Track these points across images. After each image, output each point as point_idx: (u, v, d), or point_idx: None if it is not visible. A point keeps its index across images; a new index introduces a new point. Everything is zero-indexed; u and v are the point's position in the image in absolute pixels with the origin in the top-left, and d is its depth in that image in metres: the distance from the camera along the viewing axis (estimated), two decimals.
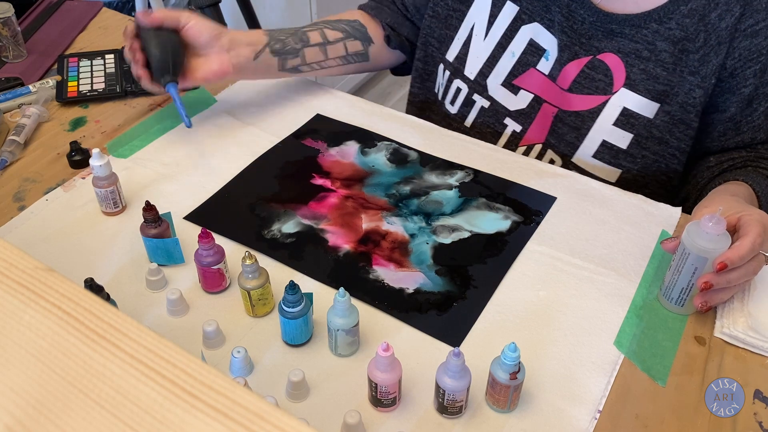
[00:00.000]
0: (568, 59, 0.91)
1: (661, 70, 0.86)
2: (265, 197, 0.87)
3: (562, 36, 0.91)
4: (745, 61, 0.83)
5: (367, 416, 0.63)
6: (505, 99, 0.97)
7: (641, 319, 0.72)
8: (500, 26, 0.96)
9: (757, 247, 0.67)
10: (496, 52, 0.96)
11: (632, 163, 0.91)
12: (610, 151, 0.91)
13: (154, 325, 0.71)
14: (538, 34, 0.93)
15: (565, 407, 0.64)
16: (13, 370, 0.34)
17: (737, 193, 0.79)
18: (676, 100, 0.87)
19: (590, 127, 0.91)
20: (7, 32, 1.12)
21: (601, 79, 0.90)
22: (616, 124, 0.90)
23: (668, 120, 0.88)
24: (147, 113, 1.03)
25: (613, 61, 0.89)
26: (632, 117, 0.89)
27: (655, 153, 0.90)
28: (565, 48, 0.91)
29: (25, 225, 0.83)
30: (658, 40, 0.86)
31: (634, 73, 0.88)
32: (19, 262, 0.40)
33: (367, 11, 1.08)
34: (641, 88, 0.88)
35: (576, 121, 0.92)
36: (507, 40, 0.95)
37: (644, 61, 0.87)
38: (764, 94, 0.85)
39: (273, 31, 1.00)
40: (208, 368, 0.34)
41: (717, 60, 0.84)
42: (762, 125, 0.87)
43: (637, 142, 0.90)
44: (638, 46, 0.87)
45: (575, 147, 0.93)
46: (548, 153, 0.97)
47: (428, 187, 0.89)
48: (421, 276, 0.76)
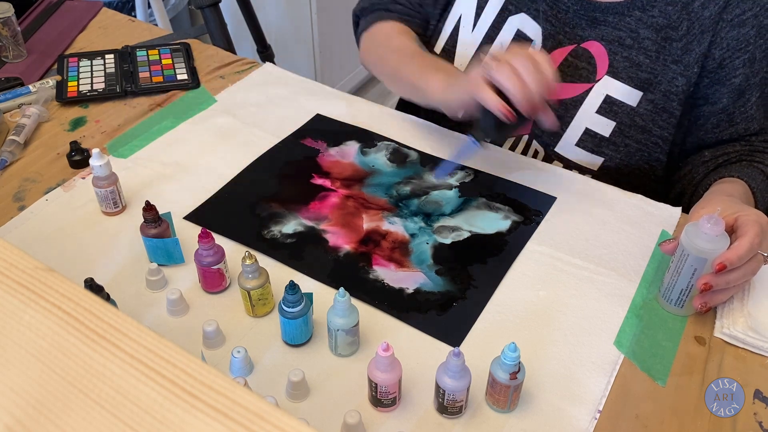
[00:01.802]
0: (552, 48, 0.92)
1: (644, 58, 0.87)
2: (265, 197, 0.87)
3: (546, 25, 0.91)
4: (733, 51, 0.84)
5: (367, 416, 0.63)
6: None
7: (641, 319, 0.72)
8: (488, 17, 0.96)
9: (756, 247, 0.67)
10: (484, 44, 0.97)
11: (615, 152, 0.91)
12: (593, 139, 0.91)
13: (154, 325, 0.71)
14: (524, 24, 0.93)
15: (565, 407, 0.64)
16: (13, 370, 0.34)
17: (733, 193, 0.79)
18: (659, 88, 0.87)
19: (573, 115, 0.91)
20: (7, 32, 1.12)
21: (584, 67, 0.90)
22: (599, 111, 0.90)
23: (651, 108, 0.88)
24: (147, 113, 1.03)
25: (597, 49, 0.89)
26: (615, 105, 0.89)
27: (638, 141, 0.90)
28: (549, 37, 0.91)
29: (25, 225, 0.83)
30: (641, 28, 0.86)
31: (617, 61, 0.88)
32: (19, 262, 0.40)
33: (403, 22, 1.05)
34: (624, 75, 0.88)
35: (559, 110, 0.92)
36: (495, 31, 0.96)
37: (627, 49, 0.87)
38: (755, 84, 0.86)
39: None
40: (208, 368, 0.34)
41: (700, 49, 0.84)
42: (755, 115, 0.87)
43: (619, 130, 0.90)
44: (621, 33, 0.87)
45: (559, 136, 0.93)
46: (533, 144, 0.97)
47: (428, 187, 0.89)
48: (421, 276, 0.76)
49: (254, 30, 1.91)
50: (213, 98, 1.06)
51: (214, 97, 1.06)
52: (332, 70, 2.32)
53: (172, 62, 1.13)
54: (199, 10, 1.70)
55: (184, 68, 1.11)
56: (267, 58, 1.95)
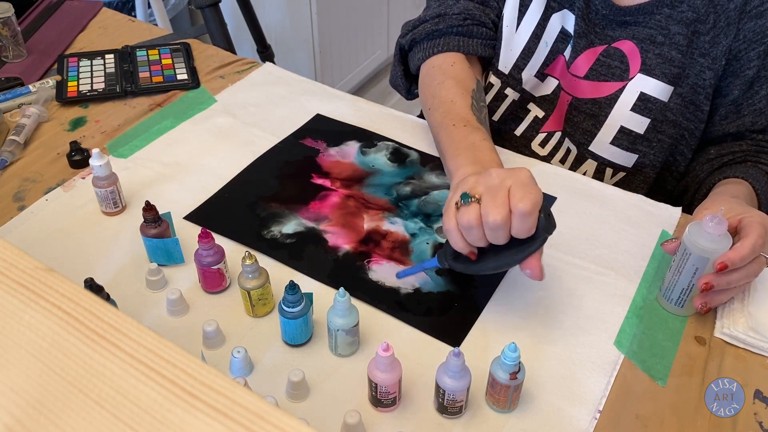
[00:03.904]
0: (584, 47, 0.92)
1: (676, 53, 0.87)
2: (265, 197, 0.87)
3: (581, 22, 0.91)
4: (749, 42, 0.84)
5: (367, 416, 0.63)
6: (534, 88, 0.98)
7: (641, 319, 0.72)
8: (533, 16, 0.95)
9: (758, 249, 0.67)
10: (531, 43, 0.96)
11: (649, 148, 0.91)
12: (628, 136, 0.91)
13: (154, 325, 0.71)
14: (567, 20, 0.93)
15: (565, 407, 0.64)
16: (13, 370, 0.34)
17: (738, 195, 0.79)
18: (688, 81, 0.87)
19: (608, 114, 0.91)
20: (7, 32, 1.12)
21: (617, 66, 0.90)
22: (634, 109, 0.90)
23: (680, 102, 0.88)
24: (147, 113, 1.03)
25: (629, 47, 0.89)
26: (649, 102, 0.89)
27: (670, 137, 0.90)
28: (582, 35, 0.92)
29: (25, 225, 0.83)
30: (671, 24, 0.86)
31: (650, 58, 0.88)
32: (19, 262, 0.40)
33: (480, 52, 0.97)
34: (657, 72, 0.88)
35: (593, 108, 0.92)
36: (541, 29, 0.95)
37: (659, 46, 0.87)
38: (766, 77, 0.85)
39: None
40: (208, 368, 0.34)
41: (726, 41, 0.84)
42: (764, 110, 0.87)
43: (653, 127, 0.90)
44: (652, 31, 0.87)
45: (593, 135, 0.93)
46: (565, 142, 0.96)
47: (428, 187, 0.89)
48: (421, 276, 0.76)
49: (254, 30, 1.91)
50: (213, 98, 1.06)
51: (214, 97, 1.06)
52: (332, 70, 2.32)
53: (172, 62, 1.13)
54: (199, 10, 1.70)
55: (184, 68, 1.11)
56: (267, 58, 1.95)
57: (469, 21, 0.95)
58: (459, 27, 0.95)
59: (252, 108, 1.04)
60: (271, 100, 1.05)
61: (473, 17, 0.95)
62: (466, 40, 0.95)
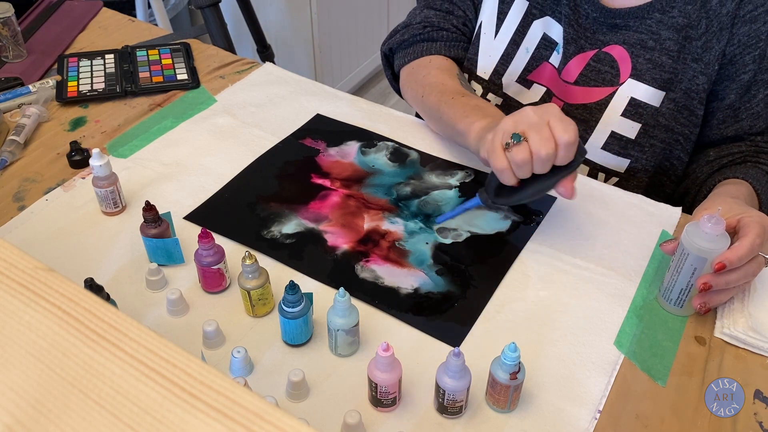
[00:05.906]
0: (574, 53, 0.92)
1: (666, 59, 0.87)
2: (265, 197, 0.87)
3: (569, 29, 0.91)
4: (744, 47, 0.84)
5: (367, 416, 0.63)
6: (519, 94, 0.98)
7: (641, 319, 0.72)
8: (511, 23, 0.96)
9: (756, 248, 0.67)
10: (510, 49, 0.96)
11: (641, 153, 0.91)
12: (619, 141, 0.91)
13: (154, 325, 0.71)
14: (550, 27, 0.94)
15: (565, 407, 0.64)
16: (13, 370, 0.34)
17: (738, 195, 0.79)
18: (681, 87, 0.87)
19: (599, 119, 0.91)
20: (7, 32, 1.12)
21: (607, 71, 0.90)
22: (624, 114, 0.90)
23: (673, 107, 0.88)
24: (147, 113, 1.03)
25: (619, 52, 0.89)
26: (640, 107, 0.89)
27: (662, 141, 0.90)
28: (571, 41, 0.91)
29: (25, 225, 0.83)
30: (662, 29, 0.86)
31: (640, 63, 0.88)
32: (19, 262, 0.40)
33: (446, 51, 1.01)
34: (648, 77, 0.88)
35: (584, 114, 0.92)
36: (520, 36, 0.96)
37: (650, 51, 0.87)
38: (763, 81, 0.85)
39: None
40: (208, 368, 0.34)
41: (719, 46, 0.84)
42: (761, 113, 0.87)
43: (645, 132, 0.90)
44: (643, 36, 0.87)
45: (584, 140, 0.93)
46: None
47: (428, 187, 0.89)
48: (421, 276, 0.76)
49: (254, 30, 1.91)
50: (213, 98, 1.06)
51: (214, 97, 1.06)
52: (332, 70, 2.32)
53: (172, 62, 1.13)
54: (199, 10, 1.70)
55: (184, 68, 1.11)
56: (267, 58, 1.95)
57: (429, 28, 1.00)
58: (420, 35, 1.01)
59: (252, 108, 1.04)
60: (271, 100, 1.05)
61: (432, 24, 1.01)
62: (429, 44, 1.00)
